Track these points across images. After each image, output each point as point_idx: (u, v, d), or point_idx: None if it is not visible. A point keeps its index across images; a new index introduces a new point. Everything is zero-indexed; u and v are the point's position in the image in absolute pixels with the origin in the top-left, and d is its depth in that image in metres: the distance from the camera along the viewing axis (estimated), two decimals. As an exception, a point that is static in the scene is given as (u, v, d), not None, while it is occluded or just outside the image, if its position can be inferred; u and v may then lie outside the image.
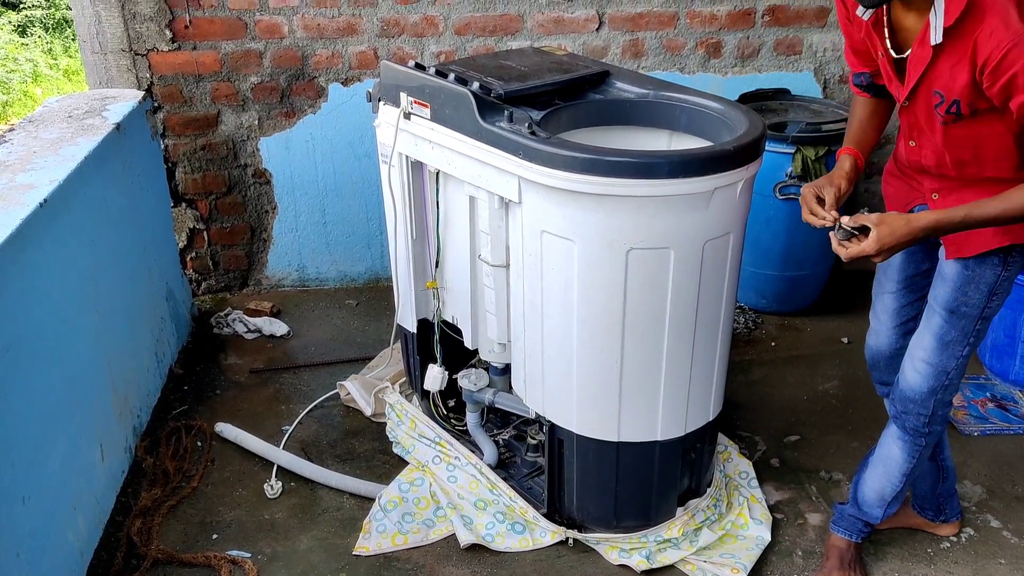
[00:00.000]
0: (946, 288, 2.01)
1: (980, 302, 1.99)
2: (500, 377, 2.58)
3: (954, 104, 1.79)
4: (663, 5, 3.54)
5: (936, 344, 2.05)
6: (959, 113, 1.80)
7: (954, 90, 1.77)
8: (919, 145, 1.95)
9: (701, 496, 2.49)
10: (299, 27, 3.43)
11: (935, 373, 2.07)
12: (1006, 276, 1.98)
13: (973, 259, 1.96)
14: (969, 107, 1.78)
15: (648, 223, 2.04)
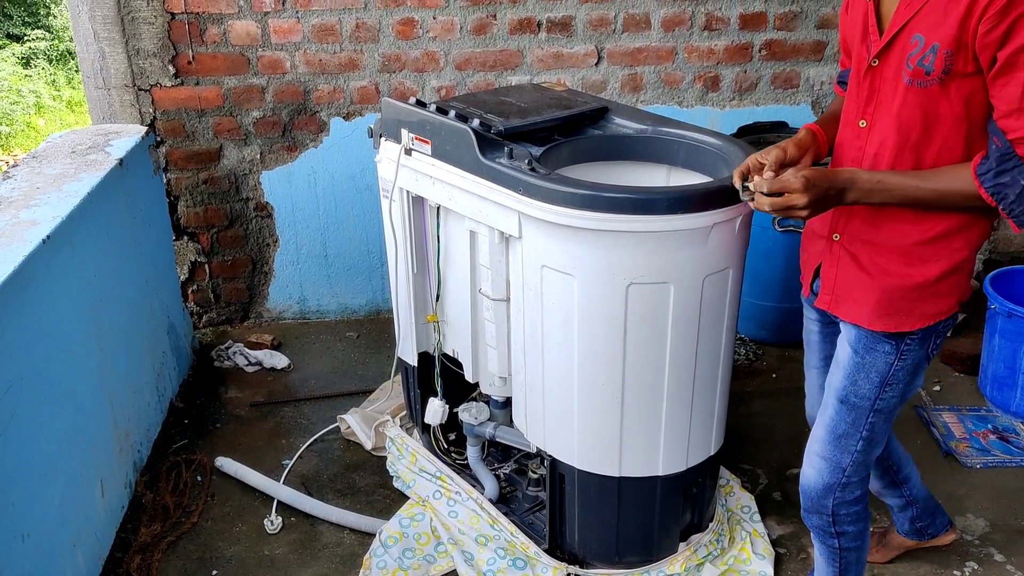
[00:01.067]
0: (837, 375, 1.89)
1: (871, 393, 1.85)
2: (501, 411, 2.58)
3: (930, 53, 1.60)
4: (661, 40, 3.58)
5: (828, 437, 1.93)
6: (930, 68, 1.61)
7: (939, 32, 1.58)
8: (871, 124, 1.74)
9: (703, 531, 2.48)
10: (301, 62, 3.47)
11: (830, 469, 1.94)
12: (900, 367, 1.83)
13: (863, 346, 1.83)
14: (944, 60, 1.59)
15: (647, 258, 2.05)
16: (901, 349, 1.81)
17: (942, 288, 1.77)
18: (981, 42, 1.54)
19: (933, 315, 1.78)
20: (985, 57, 1.55)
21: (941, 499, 2.73)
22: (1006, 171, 1.59)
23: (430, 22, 3.46)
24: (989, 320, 3.15)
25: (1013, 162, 1.58)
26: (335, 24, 3.43)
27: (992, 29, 1.52)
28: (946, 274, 1.75)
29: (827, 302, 1.89)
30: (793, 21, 3.61)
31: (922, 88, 1.64)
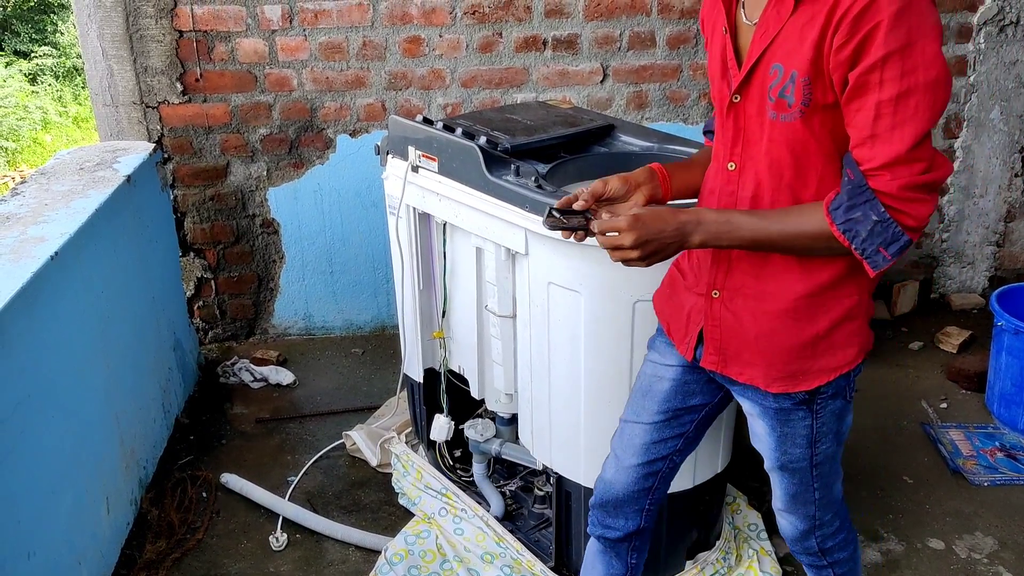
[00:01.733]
0: (764, 448, 1.77)
1: (804, 455, 1.73)
2: (507, 427, 2.58)
3: (790, 83, 1.45)
4: (666, 58, 3.60)
5: (785, 498, 1.83)
6: (791, 100, 1.46)
7: (796, 59, 1.43)
8: (740, 166, 1.58)
9: (710, 549, 2.47)
10: (308, 80, 3.49)
11: (800, 519, 1.84)
12: (822, 423, 1.69)
13: (778, 420, 1.70)
14: (803, 89, 1.44)
15: (653, 275, 2.04)
16: (815, 410, 1.67)
17: (837, 340, 1.61)
18: (834, 62, 1.40)
19: (833, 369, 1.63)
20: (838, 79, 1.41)
21: (949, 517, 2.72)
22: (856, 205, 1.42)
23: (436, 40, 3.48)
24: (996, 337, 3.15)
25: (865, 195, 1.42)
26: (342, 42, 3.45)
27: (844, 45, 1.37)
28: (838, 324, 1.60)
29: (714, 363, 1.70)
30: (798, 39, 3.62)
31: (786, 123, 1.49)
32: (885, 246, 1.44)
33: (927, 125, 1.38)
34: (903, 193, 1.40)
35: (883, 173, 1.40)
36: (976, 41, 3.71)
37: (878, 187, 1.41)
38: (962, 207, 3.97)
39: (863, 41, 1.36)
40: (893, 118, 1.38)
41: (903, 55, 1.35)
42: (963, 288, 4.12)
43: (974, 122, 3.83)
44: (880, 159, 1.39)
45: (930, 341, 3.74)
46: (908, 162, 1.39)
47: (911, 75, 1.36)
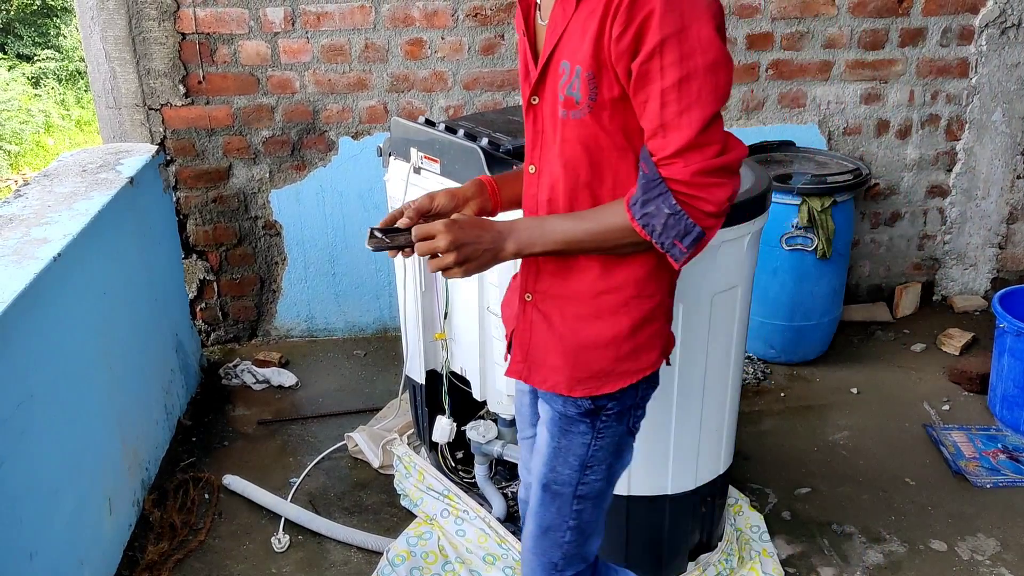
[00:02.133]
0: (538, 461, 1.69)
1: (572, 478, 1.64)
2: (509, 429, 2.58)
3: (576, 79, 1.43)
4: (668, 59, 3.59)
5: (536, 531, 1.71)
6: (578, 96, 1.44)
7: (580, 53, 1.42)
8: (539, 168, 1.57)
9: (712, 550, 2.47)
10: (310, 82, 3.49)
11: (542, 566, 1.71)
12: (599, 447, 1.64)
13: (559, 429, 1.64)
14: (588, 84, 1.42)
15: (656, 277, 2.05)
16: (597, 427, 1.62)
17: (640, 340, 1.58)
18: (615, 53, 1.37)
19: (635, 372, 1.59)
20: (622, 71, 1.39)
21: (951, 519, 2.72)
22: (651, 200, 1.40)
23: (438, 42, 3.49)
24: (998, 339, 3.14)
25: (658, 189, 1.39)
26: (344, 44, 3.46)
27: (622, 34, 1.35)
28: (640, 324, 1.57)
29: (519, 371, 1.67)
30: (799, 41, 3.63)
31: (577, 120, 1.47)
32: (680, 239, 1.42)
33: (713, 108, 1.36)
34: (697, 179, 1.38)
35: (676, 161, 1.38)
36: (978, 43, 3.71)
37: (672, 175, 1.38)
38: (964, 209, 3.97)
39: (640, 29, 1.34)
40: (679, 104, 1.36)
41: (679, 39, 1.33)
42: (965, 290, 4.11)
43: (976, 124, 3.83)
44: (672, 147, 1.37)
45: (932, 343, 3.74)
46: (699, 147, 1.37)
47: (689, 59, 1.34)
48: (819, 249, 3.32)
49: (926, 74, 3.75)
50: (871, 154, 3.84)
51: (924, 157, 3.88)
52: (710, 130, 1.37)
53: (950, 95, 3.79)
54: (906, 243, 4.02)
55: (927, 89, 3.77)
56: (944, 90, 3.78)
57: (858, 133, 3.80)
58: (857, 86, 3.73)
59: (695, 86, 1.35)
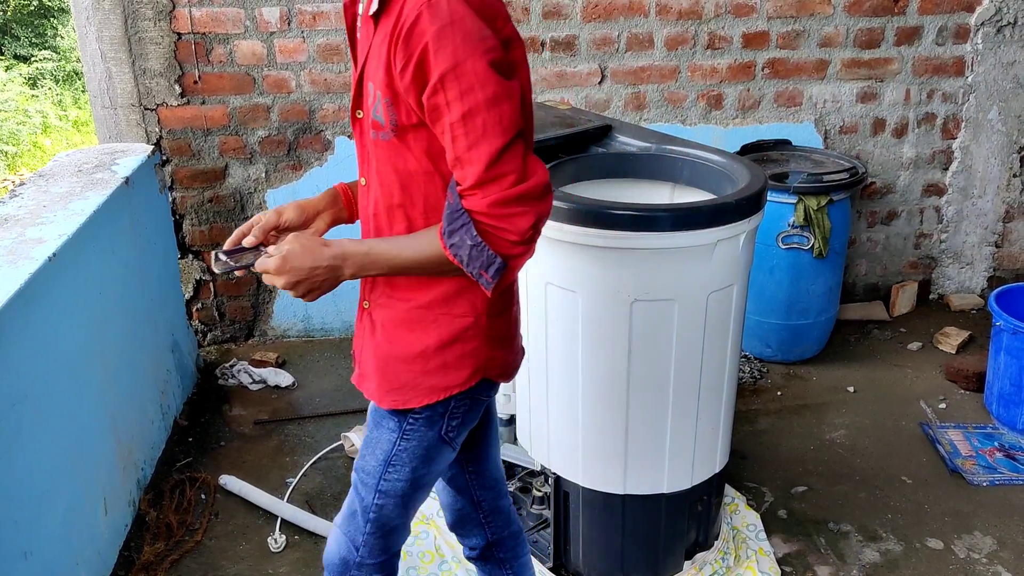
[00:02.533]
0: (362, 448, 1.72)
1: (375, 471, 1.65)
2: (505, 428, 2.57)
3: (379, 104, 1.44)
4: (664, 59, 3.60)
5: (346, 511, 1.74)
6: (382, 121, 1.45)
7: (378, 78, 1.42)
8: (368, 182, 1.57)
9: (709, 549, 2.47)
10: (306, 82, 3.49)
11: (346, 544, 1.74)
12: (404, 448, 1.63)
13: (373, 420, 1.67)
14: (387, 108, 1.43)
15: (652, 275, 2.05)
16: (404, 428, 1.62)
17: (448, 358, 1.58)
18: (403, 85, 1.38)
19: (441, 389, 1.59)
20: (414, 102, 1.39)
21: (947, 517, 2.72)
22: (455, 231, 1.41)
23: (434, 41, 3.48)
24: (995, 337, 3.14)
25: (460, 220, 1.40)
26: (340, 44, 3.45)
27: (404, 68, 1.36)
28: (449, 343, 1.57)
29: (356, 377, 1.69)
30: (795, 40, 3.63)
31: (385, 142, 1.47)
32: (484, 269, 1.42)
33: (501, 140, 1.36)
34: (496, 210, 1.38)
35: (474, 193, 1.38)
36: (974, 42, 3.71)
37: (472, 207, 1.39)
38: (961, 208, 3.97)
39: (419, 63, 1.35)
40: (467, 139, 1.36)
41: (456, 75, 1.33)
42: (962, 288, 4.12)
43: (972, 123, 3.83)
44: (469, 180, 1.38)
45: (929, 341, 3.74)
46: (493, 180, 1.37)
47: (470, 94, 1.34)
48: (815, 248, 3.32)
49: (922, 73, 3.75)
50: (867, 153, 3.84)
51: (920, 156, 3.88)
52: (501, 162, 1.36)
53: (946, 94, 3.79)
54: (902, 242, 4.02)
55: (923, 88, 3.77)
56: (940, 89, 3.78)
57: (854, 132, 3.80)
58: (853, 85, 3.73)
59: (479, 121, 1.35)
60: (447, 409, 1.62)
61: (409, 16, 1.34)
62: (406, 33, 1.34)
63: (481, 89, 1.34)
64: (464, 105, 1.35)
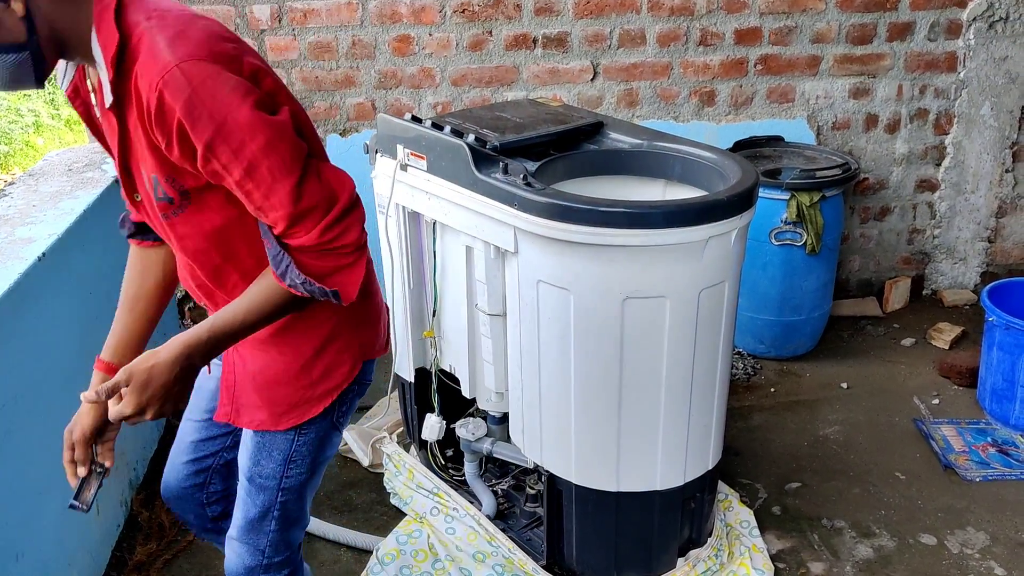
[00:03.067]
0: (244, 454, 1.73)
1: (276, 472, 1.70)
2: (498, 426, 2.57)
3: (159, 186, 1.41)
4: (657, 55, 3.59)
5: (243, 523, 1.76)
6: (170, 199, 1.42)
7: (149, 164, 1.40)
8: (179, 258, 1.58)
9: (702, 546, 2.47)
10: (298, 80, 3.48)
11: (249, 552, 1.77)
12: (303, 443, 1.69)
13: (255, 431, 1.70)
14: (170, 184, 1.40)
15: (643, 272, 2.05)
16: (299, 429, 1.68)
17: (327, 361, 1.64)
18: (177, 160, 1.36)
19: (332, 391, 1.66)
20: (193, 168, 1.38)
21: (941, 512, 2.72)
22: (285, 274, 1.42)
23: (426, 39, 3.48)
24: (987, 333, 3.15)
25: (283, 263, 1.41)
26: (331, 41, 3.44)
27: (169, 145, 1.34)
28: (324, 346, 1.63)
29: (227, 413, 1.70)
30: (788, 36, 3.62)
31: (183, 216, 1.46)
32: (330, 296, 1.44)
33: (293, 177, 1.35)
34: (323, 238, 1.39)
35: (295, 232, 1.39)
36: (966, 37, 3.71)
37: (301, 244, 1.39)
38: (953, 203, 3.97)
39: (181, 138, 1.32)
40: (259, 191, 1.36)
41: (223, 137, 1.31)
42: (955, 284, 4.12)
43: (964, 118, 3.83)
44: (280, 224, 1.38)
45: (922, 337, 3.75)
46: (305, 215, 1.37)
47: (243, 151, 1.33)
48: (808, 244, 3.32)
49: (914, 68, 3.75)
50: (860, 149, 3.84)
51: (913, 151, 3.88)
52: (304, 197, 1.37)
53: (938, 89, 3.79)
54: (895, 237, 4.02)
55: (915, 83, 3.77)
56: (932, 84, 3.78)
57: (847, 128, 3.80)
58: (845, 81, 3.73)
59: (263, 170, 1.34)
60: (338, 402, 1.69)
61: (151, 99, 1.30)
62: (156, 116, 1.31)
63: (252, 140, 1.32)
64: (242, 162, 1.33)
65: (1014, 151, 3.91)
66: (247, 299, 1.46)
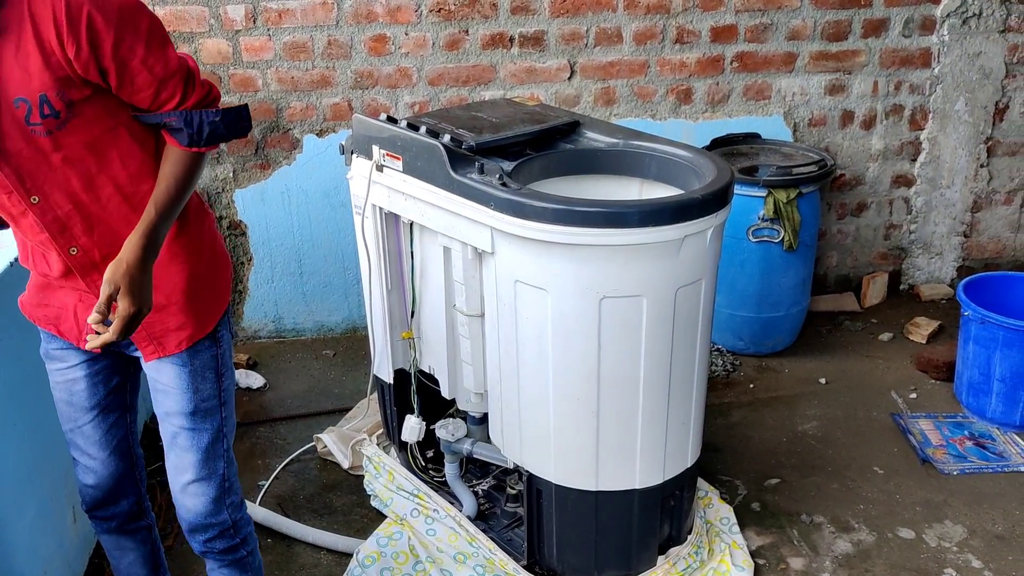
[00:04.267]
0: (175, 396, 1.80)
1: (214, 391, 1.83)
2: (478, 427, 2.57)
3: (43, 104, 1.53)
4: (633, 54, 3.60)
5: (198, 458, 1.83)
6: (56, 113, 1.55)
7: (33, 83, 1.51)
8: (45, 197, 1.62)
9: (682, 544, 2.48)
10: (273, 80, 3.46)
11: (214, 484, 1.86)
12: (223, 351, 1.85)
13: (188, 354, 1.79)
14: (62, 100, 1.54)
15: (620, 272, 2.05)
16: (217, 336, 1.84)
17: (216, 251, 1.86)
18: (80, 65, 1.52)
19: (226, 285, 1.89)
20: (95, 73, 1.55)
21: (919, 506, 2.74)
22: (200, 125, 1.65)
23: (402, 38, 3.46)
24: (963, 327, 3.17)
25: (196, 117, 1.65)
26: (307, 41, 3.42)
27: (79, 50, 1.50)
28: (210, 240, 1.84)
29: (153, 351, 1.78)
30: (763, 33, 3.64)
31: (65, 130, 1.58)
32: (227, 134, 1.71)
33: (170, 45, 1.63)
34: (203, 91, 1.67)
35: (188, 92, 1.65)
36: (940, 33, 3.74)
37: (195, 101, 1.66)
38: (929, 198, 4.00)
39: (90, 35, 1.50)
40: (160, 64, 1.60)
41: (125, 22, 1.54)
42: (931, 279, 4.15)
43: (939, 114, 3.86)
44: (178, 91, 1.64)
45: (900, 332, 3.77)
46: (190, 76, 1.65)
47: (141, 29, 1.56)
48: (785, 240, 3.33)
49: (889, 65, 3.77)
50: (836, 145, 3.86)
51: (889, 147, 3.90)
52: (181, 60, 1.64)
53: (913, 85, 3.81)
54: (872, 233, 4.05)
55: (890, 79, 3.79)
56: (907, 80, 3.80)
57: (823, 124, 3.82)
58: (821, 77, 3.74)
59: (156, 44, 1.60)
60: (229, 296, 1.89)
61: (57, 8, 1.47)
62: (66, 21, 1.47)
63: (143, 18, 1.57)
64: (143, 39, 1.57)
65: (989, 146, 3.94)
66: (167, 174, 1.66)
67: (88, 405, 1.88)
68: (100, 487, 1.96)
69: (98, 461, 1.93)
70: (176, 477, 1.86)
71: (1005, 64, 3.81)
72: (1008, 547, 2.58)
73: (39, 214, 1.63)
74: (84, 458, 1.93)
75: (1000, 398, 3.06)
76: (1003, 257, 4.16)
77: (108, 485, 1.96)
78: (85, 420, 1.90)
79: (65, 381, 1.87)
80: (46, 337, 1.87)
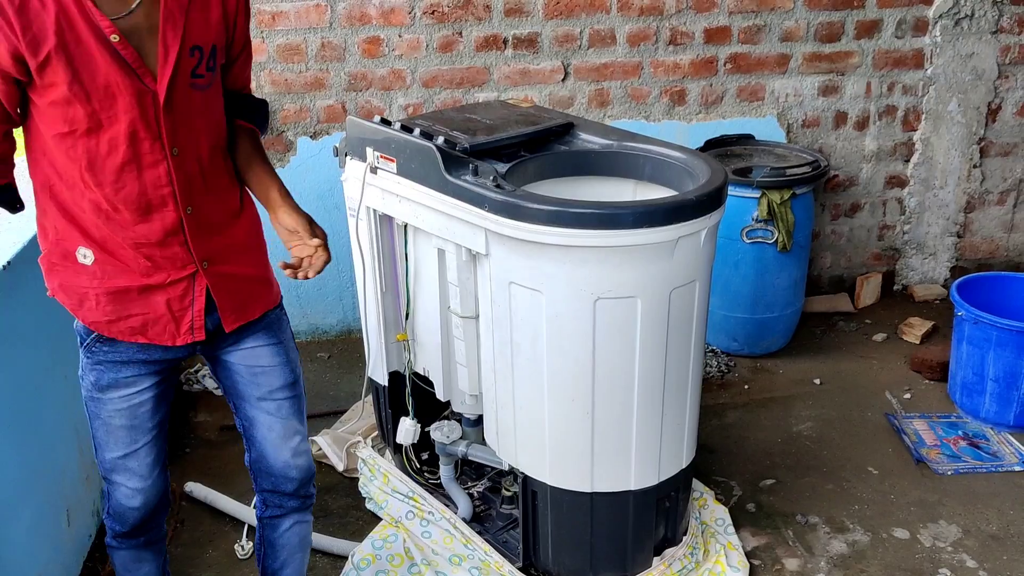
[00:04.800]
0: (276, 373, 1.94)
1: (298, 355, 2.03)
2: (473, 429, 2.57)
3: (212, 54, 1.67)
4: (627, 55, 3.60)
5: (302, 418, 2.03)
6: (213, 69, 1.69)
7: (208, 34, 1.66)
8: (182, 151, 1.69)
9: (677, 545, 2.48)
10: (267, 82, 3.45)
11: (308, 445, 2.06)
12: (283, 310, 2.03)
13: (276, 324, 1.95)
14: (219, 59, 1.72)
15: (614, 273, 2.05)
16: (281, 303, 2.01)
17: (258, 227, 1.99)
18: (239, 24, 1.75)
19: None
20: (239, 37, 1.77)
21: (913, 506, 2.74)
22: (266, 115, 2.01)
23: (396, 40, 3.46)
24: (957, 327, 3.18)
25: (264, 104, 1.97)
26: (300, 43, 3.42)
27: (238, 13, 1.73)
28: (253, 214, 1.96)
29: (235, 319, 1.87)
30: (757, 34, 3.64)
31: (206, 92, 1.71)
32: None
33: None
34: None
35: None
36: (932, 34, 3.75)
37: None
38: (922, 199, 4.01)
39: (245, 8, 1.74)
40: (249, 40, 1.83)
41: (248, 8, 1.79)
42: (925, 279, 4.16)
43: (932, 115, 3.87)
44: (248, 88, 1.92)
45: (893, 332, 3.78)
46: None
47: None
48: (780, 241, 3.33)
49: (882, 66, 3.78)
50: (830, 146, 3.87)
51: (882, 148, 3.91)
52: None
53: (906, 86, 3.83)
54: (866, 234, 4.06)
55: (883, 81, 3.80)
56: (900, 81, 3.82)
57: (816, 125, 3.83)
58: (815, 79, 3.75)
59: None
60: None
61: None
62: None
63: None
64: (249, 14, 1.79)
65: (981, 146, 3.96)
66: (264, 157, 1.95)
67: (150, 426, 1.88)
68: (146, 507, 1.94)
69: (148, 482, 1.92)
70: (284, 444, 1.98)
71: (998, 65, 3.82)
72: (1002, 547, 2.59)
73: (177, 166, 1.69)
74: (133, 480, 1.90)
75: (994, 398, 3.07)
76: (996, 257, 4.18)
77: (153, 504, 1.95)
78: (145, 441, 1.89)
79: (130, 406, 1.85)
80: (112, 368, 1.82)
